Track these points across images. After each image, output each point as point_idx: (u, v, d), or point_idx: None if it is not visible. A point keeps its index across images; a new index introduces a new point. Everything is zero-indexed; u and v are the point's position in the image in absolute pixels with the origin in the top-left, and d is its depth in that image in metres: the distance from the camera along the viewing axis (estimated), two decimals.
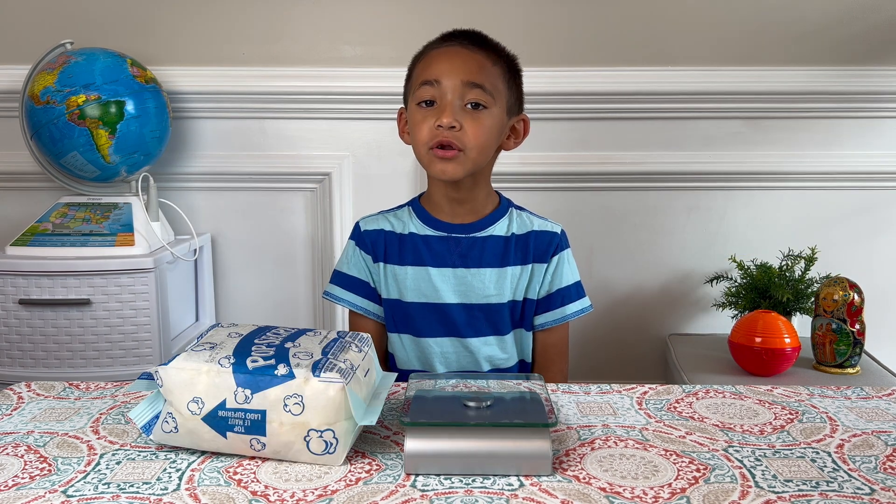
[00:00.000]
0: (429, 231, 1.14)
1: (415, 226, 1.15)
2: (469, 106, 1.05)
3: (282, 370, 0.71)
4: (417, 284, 1.13)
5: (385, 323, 1.17)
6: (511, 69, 1.11)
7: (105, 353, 1.51)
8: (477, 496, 0.65)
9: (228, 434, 0.71)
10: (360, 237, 1.16)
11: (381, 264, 1.15)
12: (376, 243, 1.15)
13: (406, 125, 1.14)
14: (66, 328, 1.50)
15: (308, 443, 0.70)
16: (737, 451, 0.74)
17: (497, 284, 1.12)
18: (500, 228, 1.14)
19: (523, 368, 1.17)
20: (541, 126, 1.72)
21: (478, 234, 1.13)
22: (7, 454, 0.74)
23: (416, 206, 1.17)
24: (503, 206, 1.16)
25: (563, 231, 1.17)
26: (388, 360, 1.18)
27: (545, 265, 1.14)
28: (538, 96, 1.69)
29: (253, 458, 0.73)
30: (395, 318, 1.15)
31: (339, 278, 1.17)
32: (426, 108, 1.06)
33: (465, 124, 1.04)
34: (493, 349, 1.14)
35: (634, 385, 0.94)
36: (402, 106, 1.16)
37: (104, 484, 0.67)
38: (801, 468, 0.71)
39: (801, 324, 1.67)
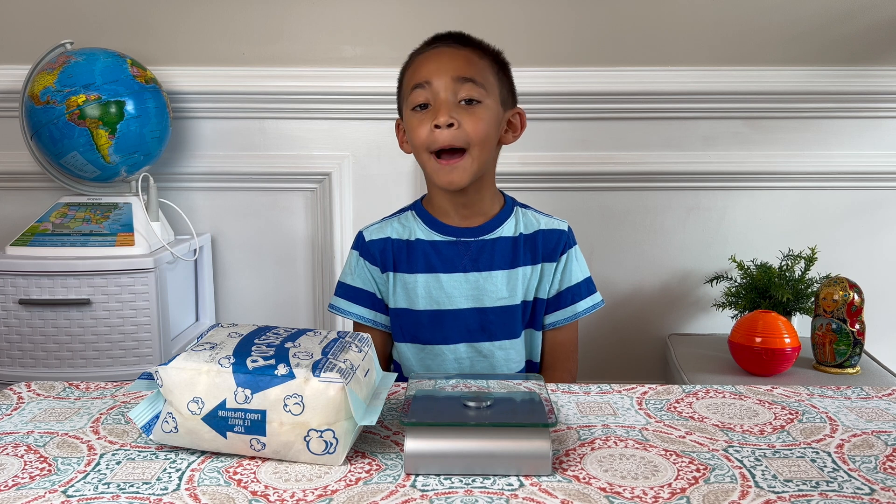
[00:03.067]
0: (436, 236, 1.12)
1: (421, 231, 1.13)
2: (463, 102, 1.04)
3: (282, 370, 0.71)
4: (429, 292, 1.11)
5: (391, 332, 1.15)
6: (498, 61, 1.11)
7: (105, 353, 1.51)
8: (477, 496, 0.65)
9: (228, 434, 0.71)
10: (365, 248, 1.14)
11: (390, 274, 1.12)
12: (384, 252, 1.13)
13: (405, 135, 1.13)
14: (66, 328, 1.50)
15: (308, 443, 0.70)
16: (737, 451, 0.74)
17: (509, 286, 1.11)
18: (507, 229, 1.12)
19: (531, 368, 1.16)
20: (541, 126, 1.72)
21: (487, 237, 1.12)
22: (7, 454, 0.74)
23: (420, 210, 1.15)
24: (508, 206, 1.15)
25: (569, 227, 1.16)
26: (391, 369, 1.16)
27: (554, 264, 1.13)
28: (538, 96, 1.69)
29: (253, 458, 0.72)
30: (404, 326, 1.13)
31: (344, 290, 1.15)
32: (421, 112, 1.06)
33: (462, 121, 1.03)
34: (508, 352, 1.12)
35: (634, 385, 0.94)
36: (399, 117, 1.15)
37: (104, 484, 0.67)
38: (801, 468, 0.70)
39: (801, 324, 1.67)
